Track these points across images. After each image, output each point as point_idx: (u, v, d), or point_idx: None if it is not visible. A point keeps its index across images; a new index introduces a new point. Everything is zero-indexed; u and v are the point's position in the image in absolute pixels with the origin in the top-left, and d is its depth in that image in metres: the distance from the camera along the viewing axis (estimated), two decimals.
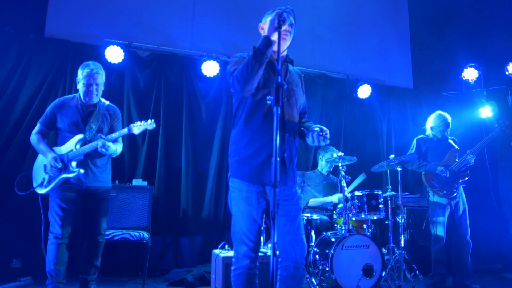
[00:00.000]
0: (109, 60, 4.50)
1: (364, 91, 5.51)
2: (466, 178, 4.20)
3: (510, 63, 5.36)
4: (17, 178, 3.27)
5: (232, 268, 2.24)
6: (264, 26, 2.25)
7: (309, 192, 3.78)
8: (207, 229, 4.70)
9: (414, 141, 4.43)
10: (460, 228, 4.18)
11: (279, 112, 1.83)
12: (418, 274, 3.82)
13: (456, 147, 4.33)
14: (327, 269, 3.35)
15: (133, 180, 4.19)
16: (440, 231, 4.12)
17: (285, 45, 2.30)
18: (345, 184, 3.69)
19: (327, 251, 3.42)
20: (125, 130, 3.08)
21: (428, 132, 4.41)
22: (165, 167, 4.60)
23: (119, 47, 4.49)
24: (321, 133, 2.22)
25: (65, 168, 3.11)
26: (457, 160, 4.23)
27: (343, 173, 3.76)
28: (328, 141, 2.23)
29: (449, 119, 4.37)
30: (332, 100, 5.52)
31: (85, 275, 3.21)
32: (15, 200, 3.87)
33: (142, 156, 4.57)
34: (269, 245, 3.17)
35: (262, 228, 2.29)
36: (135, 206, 4.05)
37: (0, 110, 4.15)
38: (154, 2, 4.96)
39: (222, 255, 3.38)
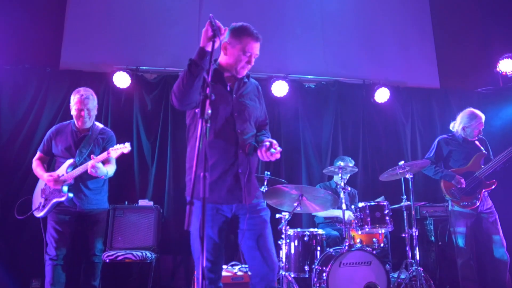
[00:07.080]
0: (118, 86, 4.69)
1: (382, 95, 5.13)
2: (493, 187, 3.70)
3: None
4: (17, 203, 3.47)
5: None
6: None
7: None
8: None
9: (436, 141, 3.99)
10: (491, 240, 3.70)
11: (207, 125, 1.73)
12: None
13: (483, 150, 3.82)
14: None
15: (139, 201, 4.27)
16: (462, 242, 3.67)
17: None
18: (343, 196, 3.43)
19: (324, 269, 3.18)
20: (105, 153, 3.15)
21: (457, 130, 3.91)
22: (174, 186, 4.62)
23: (125, 73, 4.67)
24: (271, 148, 2.09)
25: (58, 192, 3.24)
26: (482, 166, 3.74)
27: (342, 184, 3.51)
28: (278, 156, 2.09)
29: (483, 118, 3.86)
30: (347, 108, 5.20)
31: None
32: (37, 223, 4.10)
33: (152, 176, 4.65)
34: (236, 266, 3.03)
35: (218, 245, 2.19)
36: (141, 226, 4.12)
37: (22, 140, 4.49)
38: (160, 26, 5.11)
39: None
